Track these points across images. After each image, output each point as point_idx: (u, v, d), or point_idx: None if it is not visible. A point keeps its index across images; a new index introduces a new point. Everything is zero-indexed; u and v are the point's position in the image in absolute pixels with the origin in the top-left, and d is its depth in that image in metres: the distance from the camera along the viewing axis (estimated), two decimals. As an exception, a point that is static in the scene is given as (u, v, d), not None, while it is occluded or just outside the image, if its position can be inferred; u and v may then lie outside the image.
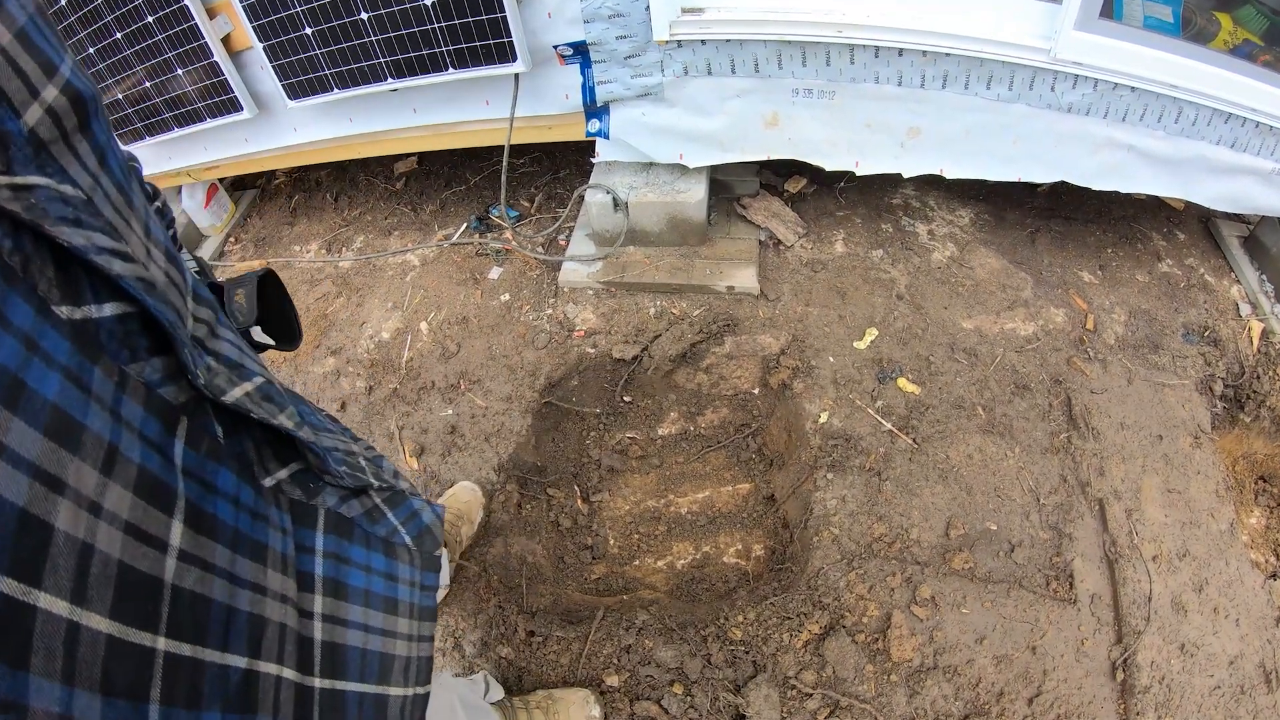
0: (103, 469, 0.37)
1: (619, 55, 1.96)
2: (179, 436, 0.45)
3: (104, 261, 0.40)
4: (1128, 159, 1.94)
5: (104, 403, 0.39)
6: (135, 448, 0.40)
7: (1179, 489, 1.83)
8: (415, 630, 0.67)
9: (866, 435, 1.93)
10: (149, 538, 0.40)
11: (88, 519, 0.35)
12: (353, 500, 0.63)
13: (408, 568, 0.68)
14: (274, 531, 0.52)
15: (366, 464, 0.69)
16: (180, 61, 2.22)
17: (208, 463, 0.47)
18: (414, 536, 0.70)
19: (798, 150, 2.11)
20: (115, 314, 0.42)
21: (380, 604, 0.62)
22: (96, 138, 0.45)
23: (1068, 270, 2.32)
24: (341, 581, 0.59)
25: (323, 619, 0.56)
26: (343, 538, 0.61)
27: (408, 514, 0.70)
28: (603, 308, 2.30)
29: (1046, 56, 1.72)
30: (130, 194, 0.48)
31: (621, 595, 1.93)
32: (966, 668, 1.55)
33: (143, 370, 0.44)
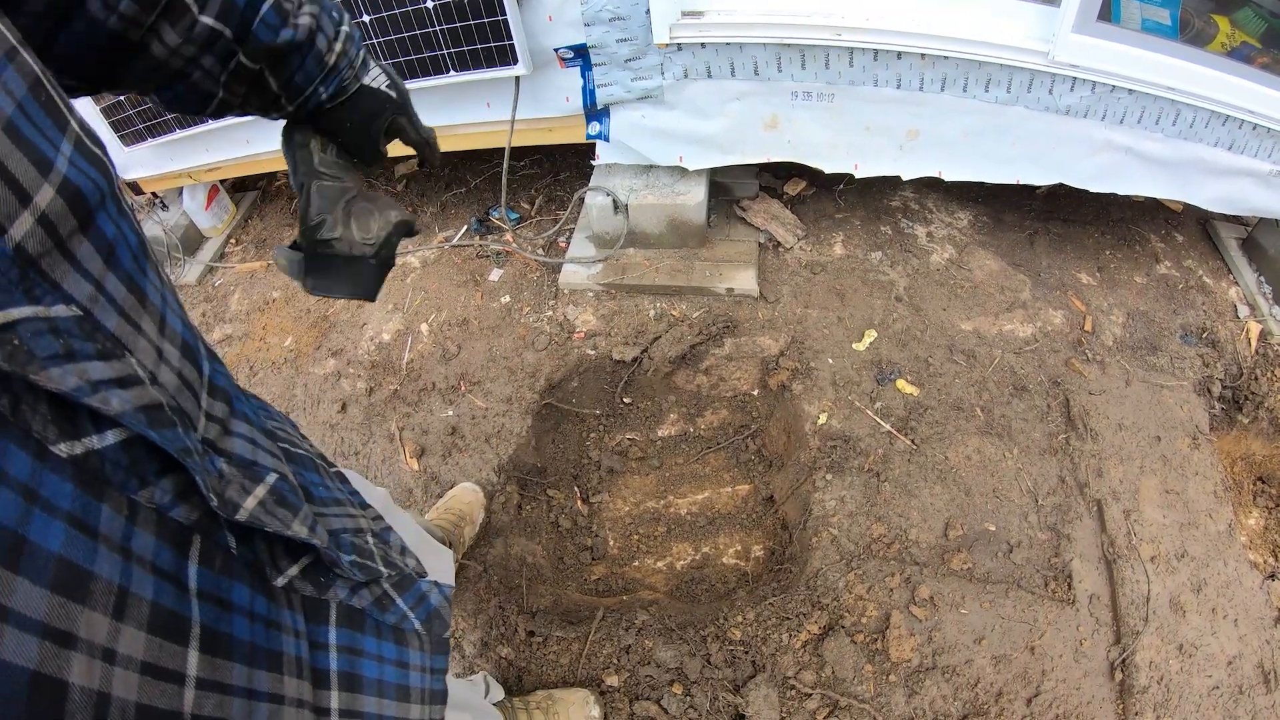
0: (114, 614, 0.36)
1: (619, 58, 1.96)
2: (192, 559, 0.43)
3: (99, 402, 0.36)
4: (1126, 161, 1.94)
5: (113, 543, 0.37)
6: (147, 584, 0.39)
7: (1177, 490, 1.84)
8: (427, 715, 0.66)
9: (865, 436, 1.93)
10: (166, 673, 0.39)
11: (102, 668, 0.34)
12: (363, 590, 0.62)
13: (419, 654, 0.67)
14: (288, 637, 0.51)
15: (375, 544, 0.68)
16: (182, 64, 2.22)
17: (222, 580, 0.45)
18: (423, 621, 0.69)
19: (797, 153, 2.12)
20: (119, 441, 0.39)
21: (393, 693, 0.62)
22: (103, 234, 0.40)
23: (1066, 272, 2.32)
24: (356, 674, 0.58)
25: (339, 715, 0.55)
26: (355, 630, 0.60)
27: (416, 598, 0.69)
28: (603, 309, 2.30)
29: (1045, 59, 1.73)
30: (144, 287, 0.44)
31: (621, 596, 1.94)
32: (965, 668, 1.55)
33: (153, 495, 0.41)
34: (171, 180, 2.84)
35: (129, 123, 2.50)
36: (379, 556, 0.66)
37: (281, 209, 3.15)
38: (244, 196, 3.25)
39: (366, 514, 0.72)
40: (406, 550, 0.73)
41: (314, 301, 2.63)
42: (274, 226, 3.08)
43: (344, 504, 0.69)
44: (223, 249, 3.05)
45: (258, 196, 3.26)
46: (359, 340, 2.42)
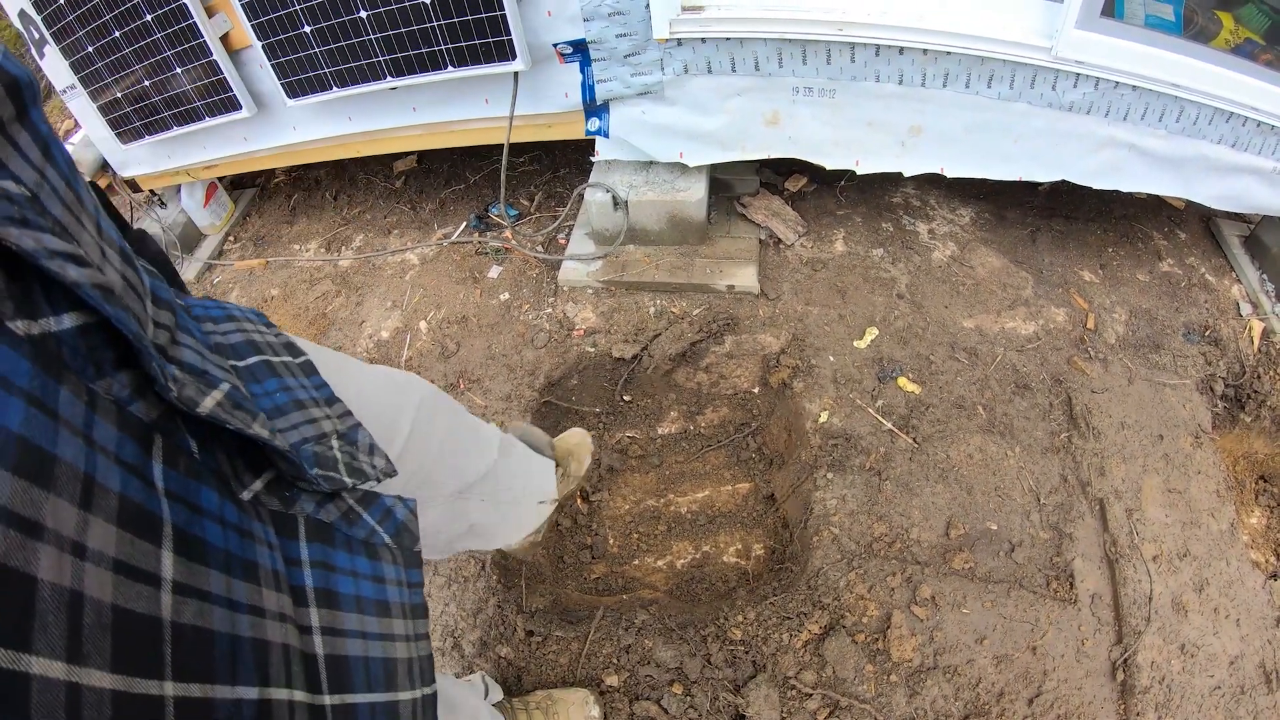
0: (81, 503, 0.33)
1: (619, 53, 1.95)
2: (155, 457, 0.41)
3: (57, 267, 0.35)
4: (1129, 158, 1.93)
5: (74, 427, 0.35)
6: (114, 474, 0.37)
7: (1179, 489, 1.83)
8: (411, 630, 0.64)
9: (867, 434, 1.92)
10: (141, 573, 0.36)
11: (73, 563, 0.32)
12: (329, 504, 0.60)
13: (393, 567, 0.64)
14: (261, 547, 0.48)
15: (340, 446, 0.65)
16: (179, 60, 2.21)
17: (189, 482, 0.43)
18: (392, 535, 0.66)
19: (798, 149, 2.10)
20: (76, 325, 0.38)
21: (373, 608, 0.59)
22: (38, 128, 0.41)
23: (1068, 269, 2.31)
24: (332, 590, 0.55)
25: (321, 632, 0.53)
26: (326, 544, 0.57)
27: (382, 512, 0.66)
28: (602, 307, 2.29)
29: (1048, 55, 1.71)
30: (79, 189, 0.44)
31: (621, 595, 1.93)
32: (966, 668, 1.55)
33: (111, 387, 0.40)
34: (169, 178, 2.83)
35: (126, 120, 2.49)
36: (344, 464, 0.63)
37: (280, 206, 3.14)
38: (242, 194, 3.23)
39: (333, 411, 0.69)
40: (375, 449, 0.70)
41: (312, 299, 2.62)
42: (273, 223, 3.06)
43: (305, 405, 0.65)
44: (221, 246, 3.03)
45: (256, 194, 3.24)
46: (358, 338, 2.41)
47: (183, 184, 2.89)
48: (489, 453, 1.18)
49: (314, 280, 2.70)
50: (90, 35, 2.26)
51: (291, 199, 3.14)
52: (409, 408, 0.94)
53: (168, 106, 2.38)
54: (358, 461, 0.66)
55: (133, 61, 2.27)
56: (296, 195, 3.15)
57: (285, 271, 2.79)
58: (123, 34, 2.20)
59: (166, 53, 2.20)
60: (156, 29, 2.15)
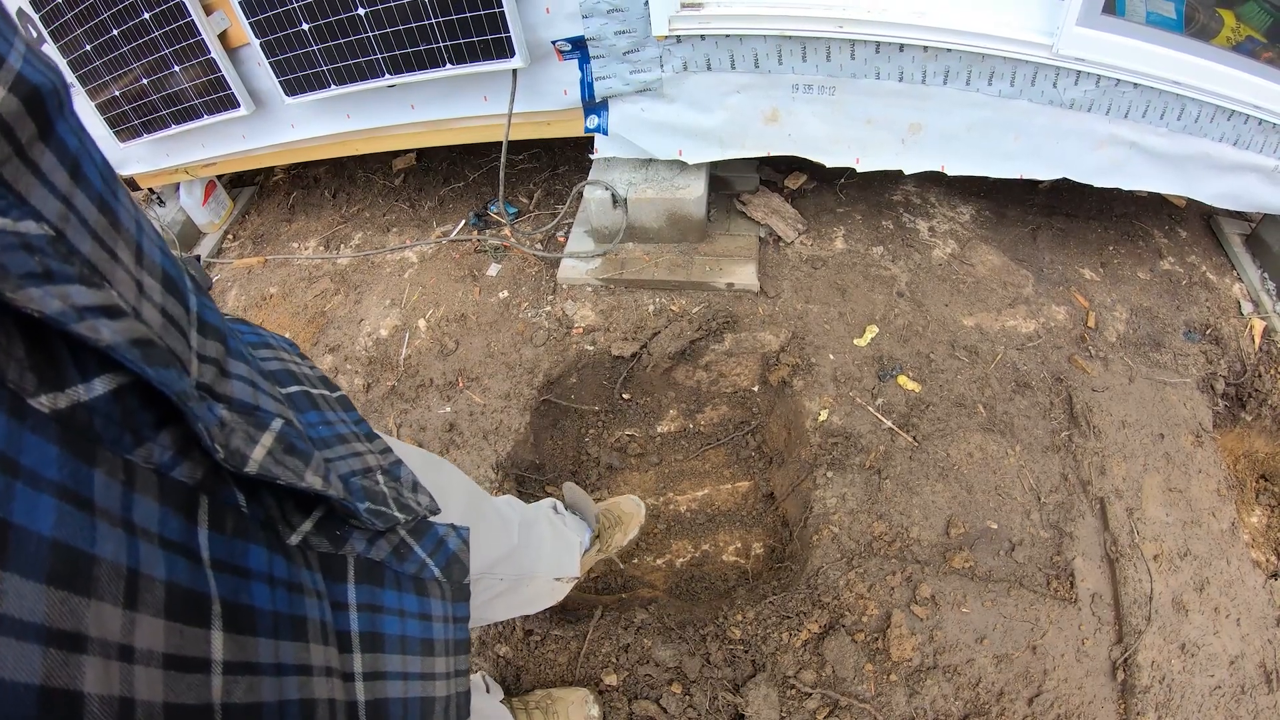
0: (126, 603, 0.31)
1: (618, 51, 1.94)
2: (201, 524, 0.38)
3: (88, 329, 0.31)
4: (1130, 156, 1.93)
5: (113, 516, 0.32)
6: (158, 561, 0.34)
7: (1180, 488, 1.83)
8: (452, 667, 0.63)
9: (866, 433, 1.92)
10: (191, 662, 0.34)
11: (120, 669, 0.29)
12: (380, 540, 0.58)
13: (440, 603, 0.63)
14: (310, 599, 0.46)
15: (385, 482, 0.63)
16: (177, 58, 2.21)
17: (236, 544, 0.41)
18: (442, 567, 0.64)
19: (798, 147, 2.10)
20: (108, 390, 0.34)
21: (417, 647, 0.58)
22: (65, 144, 0.35)
23: (1069, 267, 2.31)
24: (378, 633, 0.54)
25: (364, 679, 0.51)
26: (374, 585, 0.55)
27: (434, 543, 0.64)
28: (602, 305, 2.29)
29: (1049, 52, 1.70)
30: (116, 208, 0.38)
31: (620, 594, 1.93)
32: (966, 667, 1.54)
33: (151, 453, 0.36)
34: (168, 176, 2.82)
35: (124, 119, 2.48)
36: (391, 499, 0.61)
37: (278, 204, 3.13)
38: (241, 192, 3.23)
39: (374, 446, 0.67)
40: (419, 487, 0.67)
41: (311, 297, 2.61)
42: (271, 222, 3.06)
43: (348, 440, 0.63)
44: (220, 245, 3.03)
45: (255, 192, 3.24)
46: (356, 336, 2.40)
47: (181, 182, 2.88)
48: (510, 535, 1.18)
49: (313, 278, 2.69)
50: (88, 34, 2.25)
51: (290, 197, 3.13)
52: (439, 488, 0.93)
53: (166, 105, 2.37)
54: (404, 498, 0.64)
55: (130, 60, 2.26)
56: (295, 193, 3.14)
57: (284, 270, 2.78)
58: (120, 32, 2.20)
59: (164, 50, 2.19)
60: (154, 27, 2.14)
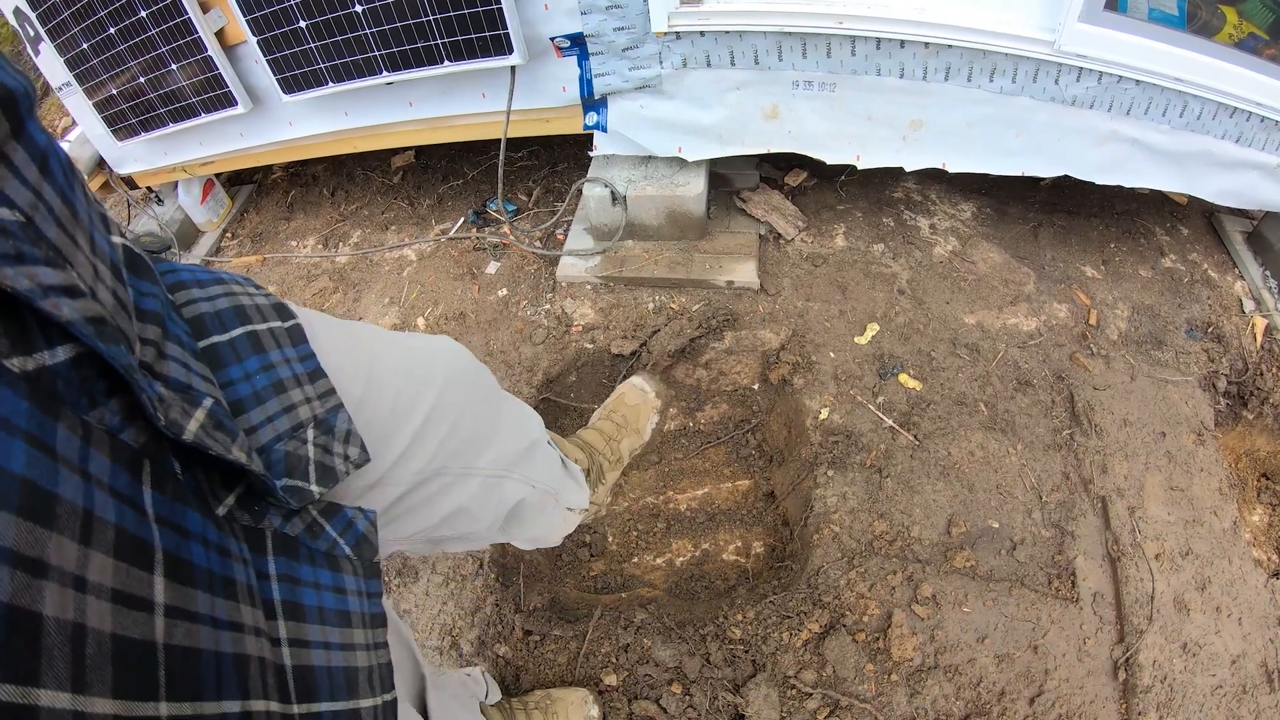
0: (81, 538, 0.35)
1: (617, 47, 1.93)
2: (145, 483, 0.42)
3: (51, 306, 0.36)
4: (1132, 153, 1.92)
5: (72, 464, 0.36)
6: (109, 506, 0.38)
7: (1182, 486, 1.82)
8: (371, 639, 0.65)
9: (867, 431, 1.91)
10: (136, 600, 0.37)
11: (75, 597, 0.33)
12: (294, 518, 0.61)
13: (353, 579, 0.66)
14: (237, 564, 0.50)
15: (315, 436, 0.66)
16: (174, 56, 2.20)
17: (176, 506, 0.44)
18: (353, 546, 0.67)
19: (798, 143, 2.09)
20: (70, 357, 0.38)
21: (335, 619, 0.61)
22: (35, 140, 0.40)
23: (1070, 265, 2.30)
24: (298, 603, 0.57)
25: (289, 644, 0.54)
26: (291, 558, 0.59)
27: (344, 524, 0.68)
28: (601, 302, 2.28)
29: (1050, 49, 1.69)
30: (74, 201, 0.44)
31: (620, 593, 1.92)
32: (968, 667, 1.54)
33: (103, 416, 0.41)
34: (166, 174, 2.81)
35: (122, 117, 2.47)
36: (315, 463, 0.65)
37: (277, 202, 3.12)
38: (239, 190, 3.22)
39: (315, 389, 0.70)
40: (351, 436, 0.72)
41: (310, 295, 2.60)
42: (270, 220, 3.05)
43: (286, 387, 0.67)
44: (219, 243, 3.02)
45: (254, 190, 3.23)
46: (355, 335, 2.39)
47: (179, 181, 2.87)
48: (530, 430, 1.16)
49: (311, 276, 2.69)
50: (85, 32, 2.24)
51: (289, 195, 3.13)
52: (434, 381, 0.92)
53: (163, 103, 2.37)
54: (330, 457, 0.67)
55: (128, 58, 2.26)
56: (294, 191, 3.13)
57: (282, 268, 2.77)
58: (117, 30, 2.19)
59: (161, 49, 2.18)
60: (151, 25, 2.13)
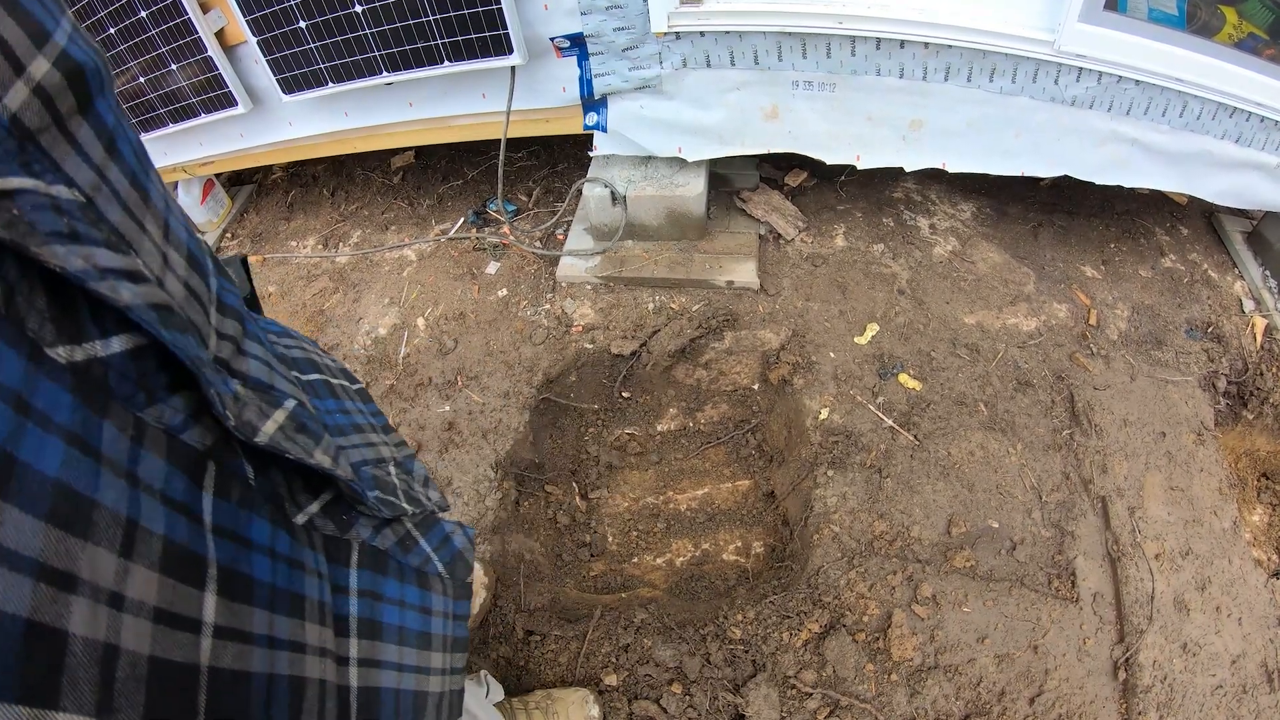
0: (122, 551, 0.32)
1: (616, 47, 1.93)
2: (207, 488, 0.39)
3: (108, 288, 0.32)
4: (1132, 153, 1.92)
5: (118, 467, 0.33)
6: (159, 516, 0.35)
7: (1182, 486, 1.82)
8: (448, 664, 0.63)
9: (867, 431, 1.91)
10: (181, 620, 0.35)
11: (109, 615, 0.30)
12: (386, 529, 0.58)
13: (441, 599, 0.63)
14: (310, 578, 0.47)
15: (397, 474, 0.63)
16: (174, 56, 2.20)
17: (240, 513, 0.42)
18: (446, 564, 0.65)
19: (798, 144, 2.09)
20: (126, 349, 0.35)
21: (415, 640, 0.58)
22: (103, 120, 0.37)
23: (1070, 265, 2.30)
24: (377, 621, 0.54)
25: (358, 664, 0.51)
26: (377, 572, 0.56)
27: (440, 539, 0.65)
28: (601, 303, 2.28)
29: (1050, 49, 1.70)
30: (147, 186, 0.40)
31: (620, 593, 1.92)
32: (968, 667, 1.54)
33: (162, 414, 0.37)
34: (166, 175, 2.81)
35: (121, 115, 2.47)
36: (401, 491, 0.62)
37: (277, 202, 3.12)
38: (239, 190, 3.21)
39: (390, 439, 0.68)
40: (430, 482, 0.69)
41: (310, 295, 2.60)
42: (270, 220, 3.05)
43: (364, 430, 0.64)
44: (219, 244, 3.01)
45: (253, 190, 3.23)
46: (354, 335, 2.39)
47: (179, 181, 2.87)
48: None
49: (311, 277, 2.69)
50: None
51: (289, 195, 3.12)
52: None
53: (163, 103, 2.36)
54: (414, 491, 0.64)
55: (128, 58, 2.25)
56: (294, 191, 3.13)
57: (282, 269, 2.77)
58: (117, 30, 2.19)
59: (161, 49, 2.18)
60: (151, 25, 2.13)
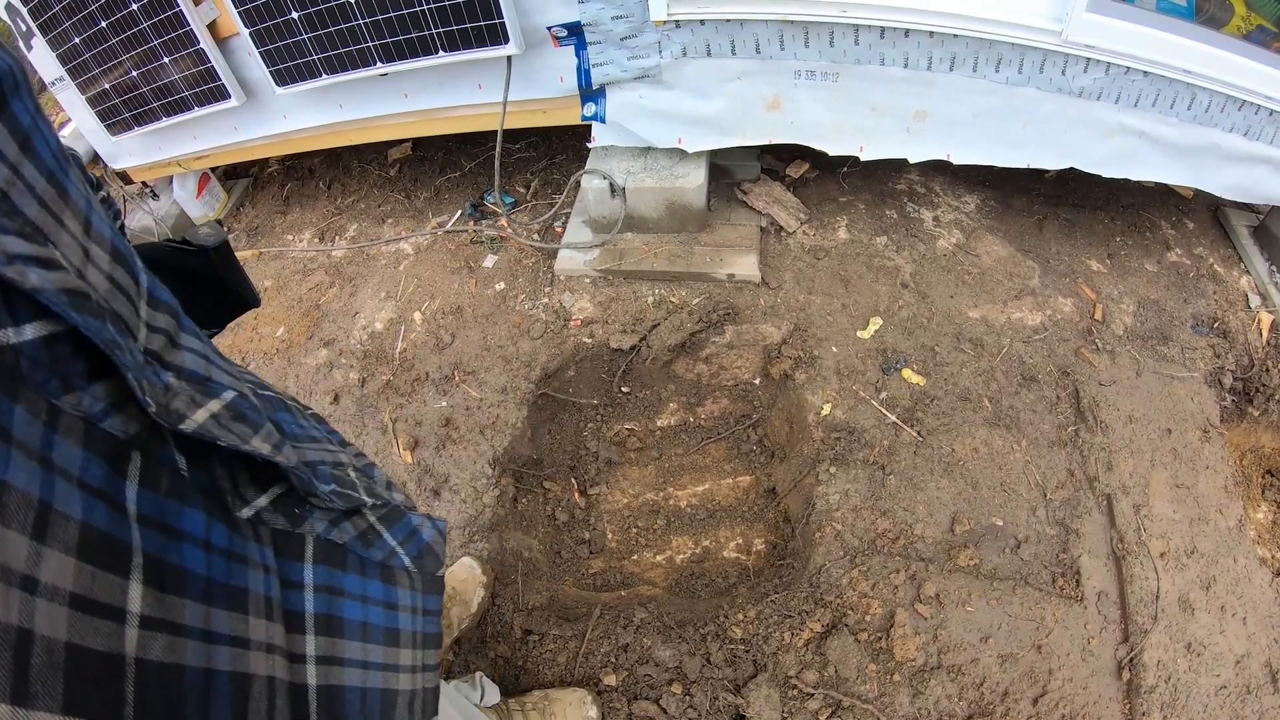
0: (34, 534, 0.31)
1: (615, 36, 1.90)
2: (130, 478, 0.39)
3: (15, 273, 0.33)
4: (1139, 146, 1.89)
5: (30, 450, 0.32)
6: (75, 501, 0.34)
7: (1187, 484, 1.80)
8: (419, 660, 0.61)
9: (870, 427, 1.89)
10: (102, 608, 0.34)
11: (21, 599, 0.30)
12: (345, 523, 0.57)
13: (408, 593, 0.61)
14: (254, 572, 0.46)
15: (357, 477, 0.62)
16: (166, 49, 2.16)
17: (169, 504, 0.41)
18: (414, 557, 0.63)
19: (800, 134, 2.06)
20: (39, 336, 0.35)
21: (380, 636, 0.56)
22: (17, 120, 0.38)
23: (1075, 259, 2.27)
24: (336, 616, 0.53)
25: (316, 661, 0.50)
26: (335, 567, 0.54)
27: (406, 532, 0.63)
28: (600, 296, 2.25)
29: (1057, 39, 1.66)
30: (66, 184, 0.41)
31: (619, 591, 1.90)
32: (971, 667, 1.52)
33: (79, 402, 0.37)
34: (161, 169, 2.78)
35: (115, 112, 2.44)
36: (362, 487, 0.61)
37: (273, 195, 3.09)
38: (236, 184, 3.19)
39: (348, 450, 0.67)
40: (393, 486, 0.68)
41: (306, 290, 2.58)
42: (266, 214, 3.02)
43: (320, 440, 0.63)
44: (213, 236, 2.98)
45: (249, 184, 3.20)
46: (351, 330, 2.37)
47: (174, 175, 2.84)
48: None
49: (308, 271, 2.66)
50: (76, 26, 2.21)
51: (285, 188, 3.09)
52: None
53: (156, 97, 2.33)
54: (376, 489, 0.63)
55: (120, 52, 2.22)
56: (290, 185, 3.10)
57: (279, 263, 2.74)
58: (109, 24, 2.15)
59: (153, 42, 2.15)
60: (143, 18, 2.10)
